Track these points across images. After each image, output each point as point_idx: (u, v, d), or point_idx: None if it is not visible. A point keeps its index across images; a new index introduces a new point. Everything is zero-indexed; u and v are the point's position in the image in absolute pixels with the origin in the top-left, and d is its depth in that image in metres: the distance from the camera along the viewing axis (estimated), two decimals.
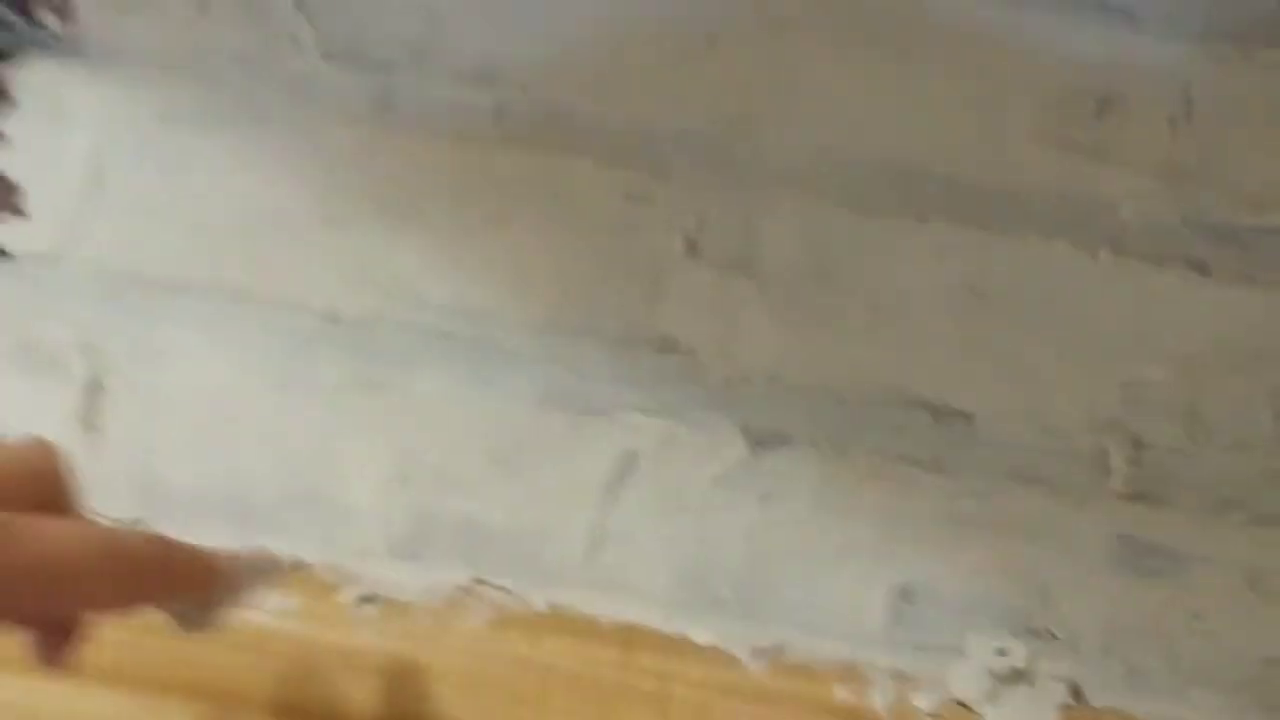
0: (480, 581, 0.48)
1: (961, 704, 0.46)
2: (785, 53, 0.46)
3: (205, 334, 0.48)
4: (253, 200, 0.48)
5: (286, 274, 0.48)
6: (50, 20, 0.49)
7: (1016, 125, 0.48)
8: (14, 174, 0.49)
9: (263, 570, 0.37)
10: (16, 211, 0.49)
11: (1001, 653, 0.47)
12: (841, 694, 0.46)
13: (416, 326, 0.48)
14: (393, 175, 0.48)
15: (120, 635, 0.41)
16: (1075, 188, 0.48)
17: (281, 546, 0.38)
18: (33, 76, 0.49)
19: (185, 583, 0.34)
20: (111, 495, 0.49)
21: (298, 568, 0.37)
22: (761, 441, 0.48)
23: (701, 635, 0.47)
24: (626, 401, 0.48)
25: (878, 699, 0.46)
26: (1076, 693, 0.47)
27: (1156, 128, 0.48)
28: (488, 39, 0.47)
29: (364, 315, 0.48)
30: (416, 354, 0.48)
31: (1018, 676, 0.47)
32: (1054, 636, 0.47)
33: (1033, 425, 0.48)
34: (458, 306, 0.48)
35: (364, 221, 0.48)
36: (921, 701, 0.46)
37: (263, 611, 0.45)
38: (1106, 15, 0.47)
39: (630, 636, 0.47)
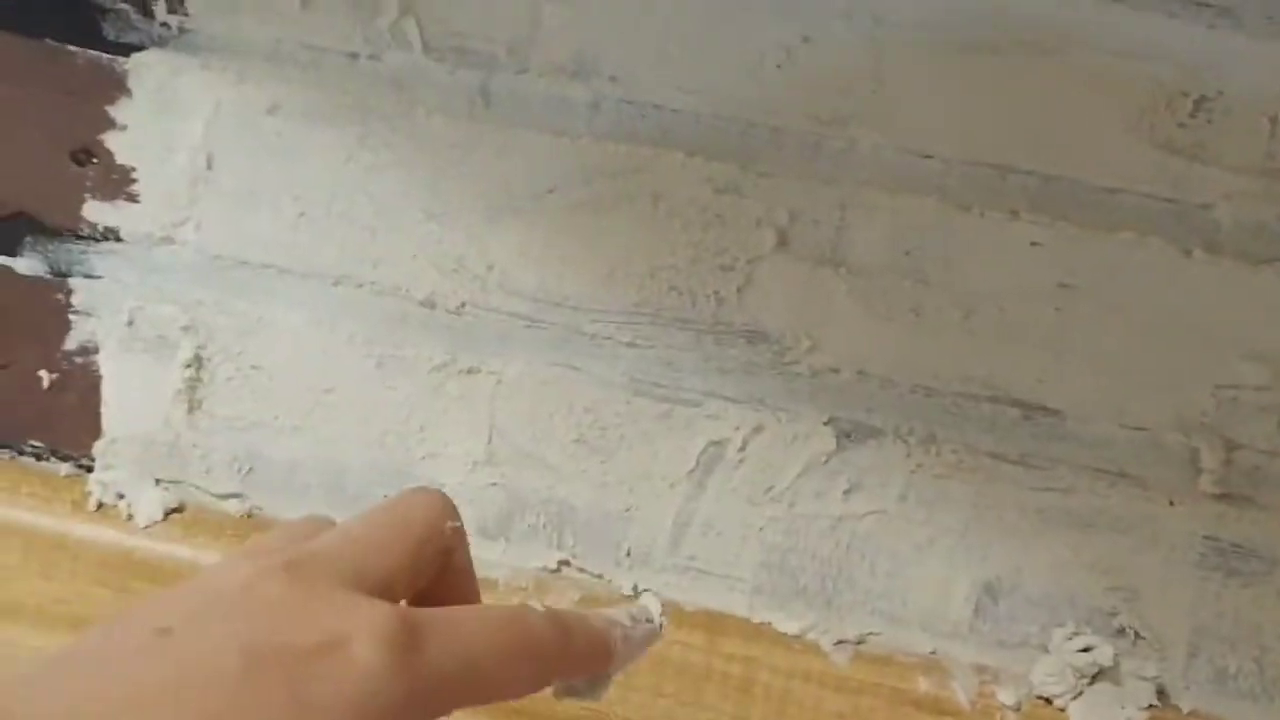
0: (566, 563, 0.49)
1: (1045, 699, 0.47)
2: (879, 52, 0.47)
3: (306, 315, 0.50)
4: (356, 191, 0.49)
5: (386, 262, 0.49)
6: (166, 15, 0.50)
7: (1111, 122, 0.47)
8: (128, 160, 0.50)
9: (646, 639, 0.35)
10: (130, 197, 0.50)
11: (1086, 650, 0.47)
12: (924, 685, 0.46)
13: (510, 313, 0.49)
14: (490, 168, 0.49)
15: None
16: (1170, 186, 0.48)
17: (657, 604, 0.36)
18: (148, 69, 0.51)
19: (584, 664, 0.32)
20: (212, 470, 0.50)
21: (664, 631, 0.36)
22: (849, 434, 0.48)
23: (786, 624, 0.47)
24: (715, 390, 0.48)
25: (960, 691, 0.46)
26: (1162, 694, 0.47)
27: (1255, 126, 0.47)
28: (582, 35, 0.48)
29: (460, 302, 0.49)
30: (509, 340, 0.49)
31: (1102, 675, 0.47)
32: (1139, 636, 0.47)
33: (1123, 423, 0.47)
34: (550, 295, 0.49)
35: (462, 213, 0.49)
36: (1005, 696, 0.47)
37: None
38: (1204, 12, 0.47)
39: (715, 622, 0.47)
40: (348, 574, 0.29)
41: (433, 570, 0.32)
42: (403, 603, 0.30)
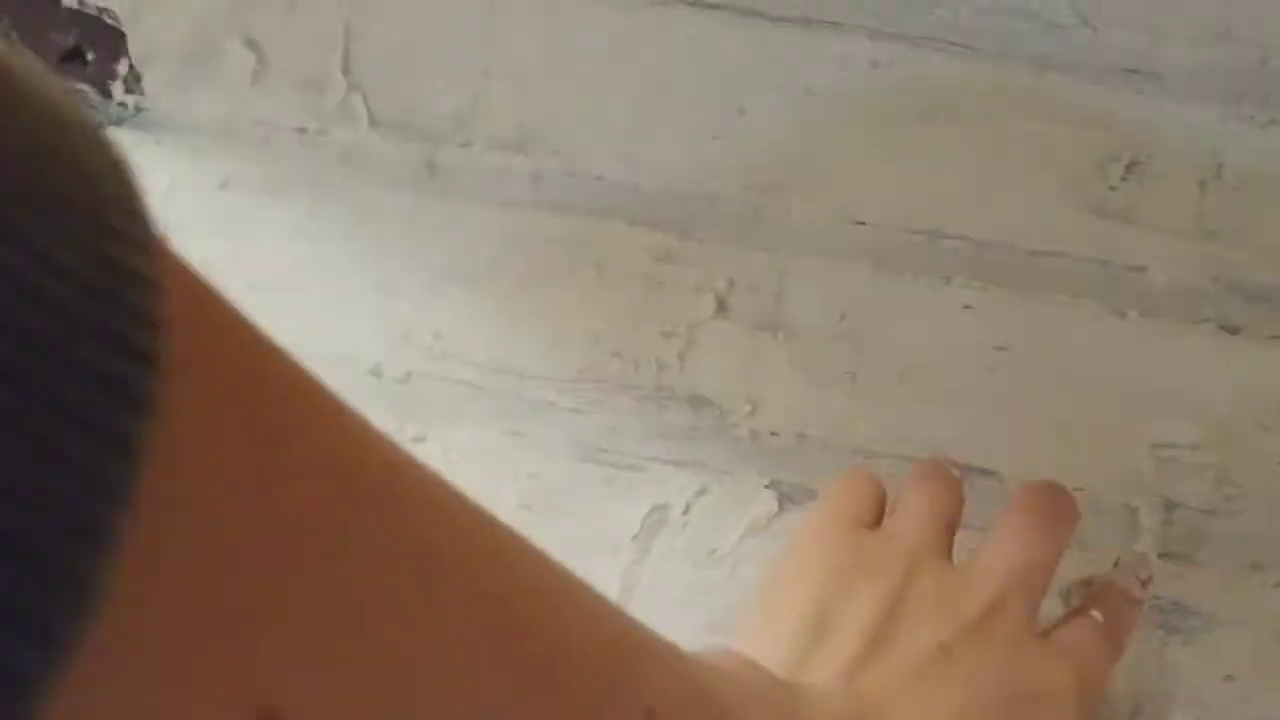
0: None
1: None
2: (811, 122, 0.48)
3: None
4: (303, 264, 0.51)
5: (334, 333, 0.50)
6: (123, 95, 0.52)
7: (1043, 188, 0.48)
8: None
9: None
10: None
11: None
12: None
13: (456, 381, 0.50)
14: (436, 239, 0.50)
15: None
16: (1103, 249, 0.48)
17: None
18: None
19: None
20: None
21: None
22: (791, 496, 0.49)
23: None
24: (658, 455, 0.49)
25: None
26: None
27: (1185, 189, 0.48)
28: (525, 109, 0.49)
29: (406, 371, 0.50)
30: (456, 409, 0.50)
31: None
32: None
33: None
34: (495, 363, 0.50)
35: (408, 283, 0.50)
36: None
37: None
38: (1133, 78, 0.48)
39: None
40: (1032, 611, 0.39)
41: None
42: None
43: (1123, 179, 0.48)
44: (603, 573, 0.49)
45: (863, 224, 0.49)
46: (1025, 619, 0.39)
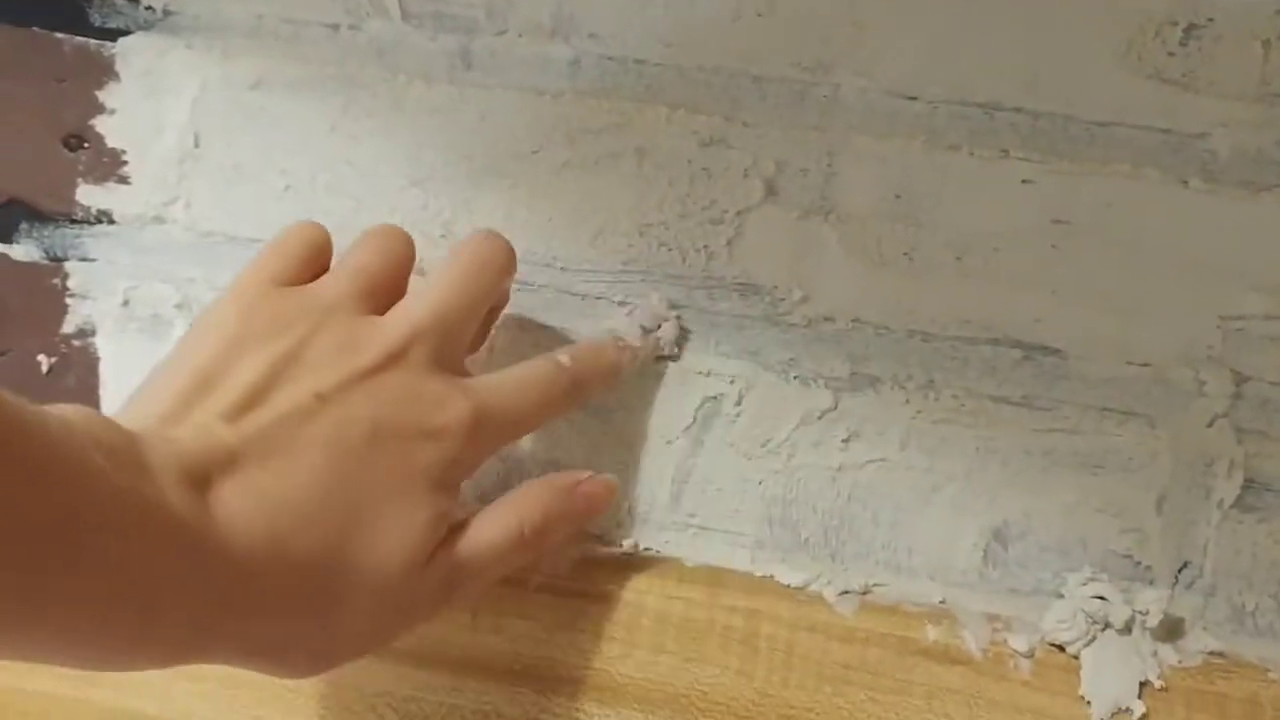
0: None
1: (1057, 646, 0.45)
2: None
3: None
4: (339, 161, 0.49)
5: None
6: (150, 0, 0.51)
7: (1099, 55, 0.47)
8: (118, 143, 0.51)
9: (652, 353, 0.48)
10: (121, 179, 0.51)
11: (1099, 595, 0.45)
12: (933, 634, 0.45)
13: None
14: (473, 131, 0.49)
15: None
16: (1163, 116, 0.47)
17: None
18: (135, 53, 0.51)
19: (596, 395, 0.46)
20: None
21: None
22: (847, 383, 0.47)
23: (788, 576, 0.47)
24: (707, 345, 0.48)
25: (970, 639, 0.45)
26: (1178, 634, 0.45)
27: (1248, 52, 0.46)
28: None
29: None
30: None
31: (1116, 619, 0.45)
32: (1153, 577, 0.46)
33: (1127, 360, 0.46)
34: (539, 257, 0.48)
35: (446, 177, 0.49)
36: (1017, 643, 0.45)
37: None
38: None
39: (716, 577, 0.47)
40: (442, 360, 0.39)
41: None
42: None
43: (1181, 43, 0.47)
44: (656, 465, 0.48)
45: (914, 99, 0.47)
46: (427, 363, 0.39)
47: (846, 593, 0.46)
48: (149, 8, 0.51)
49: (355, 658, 0.38)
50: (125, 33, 0.51)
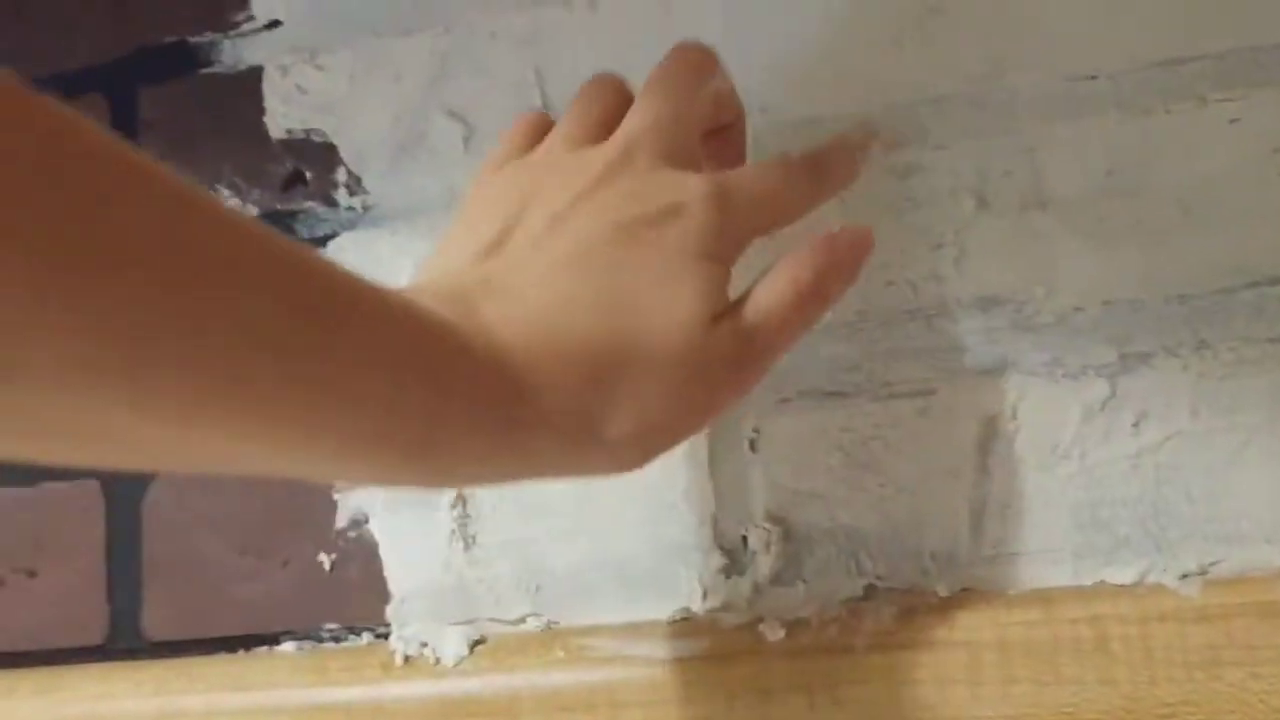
0: (873, 587, 0.47)
1: None
2: None
3: None
4: None
5: None
6: (349, 200, 0.54)
7: None
8: None
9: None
10: None
11: None
12: None
13: None
14: None
15: None
16: None
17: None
18: (344, 252, 0.54)
19: (840, 186, 0.45)
20: (501, 599, 0.50)
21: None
22: (1118, 366, 0.46)
23: (1119, 576, 0.44)
24: (965, 369, 0.47)
25: None
26: None
27: None
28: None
29: None
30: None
31: None
32: None
33: None
34: None
35: None
36: None
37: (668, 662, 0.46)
38: None
39: (1046, 596, 0.44)
40: (672, 157, 0.40)
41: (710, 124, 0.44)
42: None
43: None
44: (946, 503, 0.46)
45: (1094, 77, 0.47)
46: (652, 161, 0.40)
47: (1186, 576, 0.44)
48: (349, 209, 0.54)
49: (671, 434, 0.38)
50: (333, 236, 0.54)
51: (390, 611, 0.51)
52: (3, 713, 0.53)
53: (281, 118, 0.56)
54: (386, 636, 0.51)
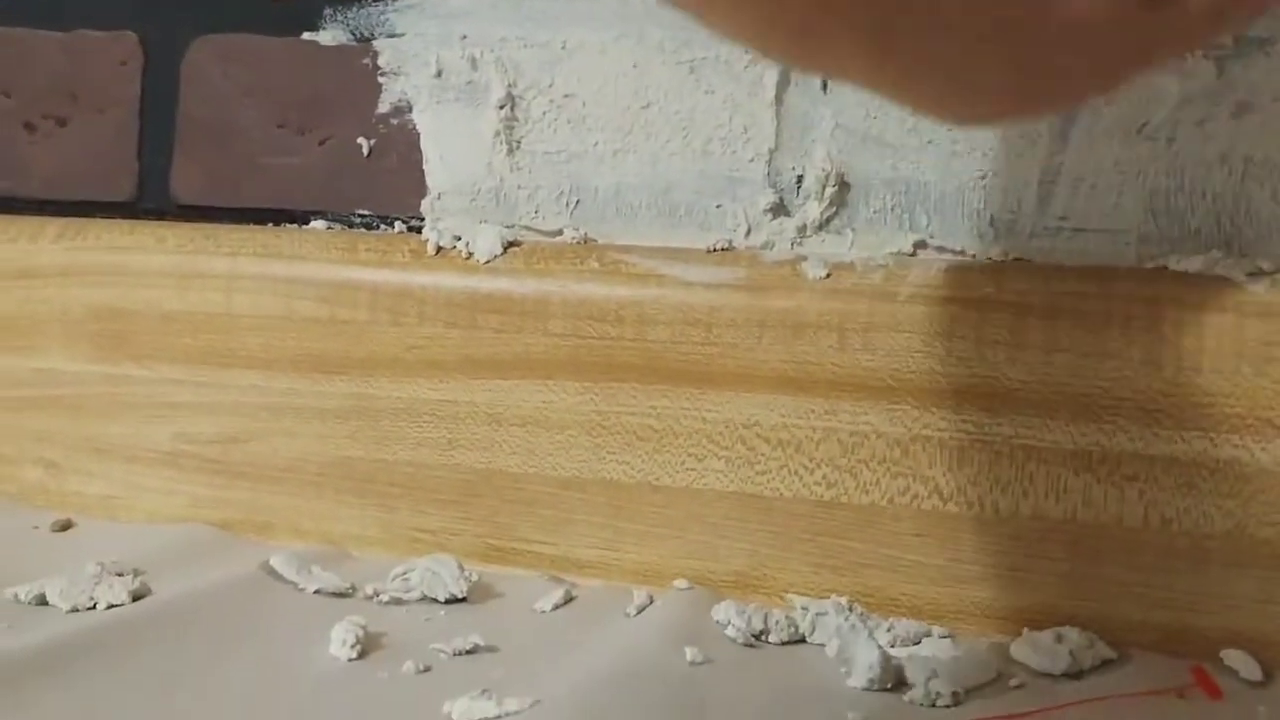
0: (923, 244, 0.46)
1: None
2: None
3: (610, 32, 0.48)
4: None
5: None
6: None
7: None
8: None
9: None
10: None
11: None
12: None
13: None
14: None
15: None
16: None
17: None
18: None
19: None
20: (540, 208, 0.49)
21: None
22: (1230, 50, 0.43)
23: (1183, 265, 0.42)
24: None
25: None
26: None
27: None
28: None
29: None
30: None
31: None
32: None
33: None
34: None
35: None
36: None
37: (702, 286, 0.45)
38: None
39: (1104, 272, 0.43)
40: None
41: None
42: None
43: None
44: (1018, 168, 0.44)
45: None
46: None
47: (1255, 274, 0.42)
48: None
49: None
50: None
51: (425, 205, 0.50)
52: (26, 255, 0.53)
53: None
54: (419, 230, 0.50)
